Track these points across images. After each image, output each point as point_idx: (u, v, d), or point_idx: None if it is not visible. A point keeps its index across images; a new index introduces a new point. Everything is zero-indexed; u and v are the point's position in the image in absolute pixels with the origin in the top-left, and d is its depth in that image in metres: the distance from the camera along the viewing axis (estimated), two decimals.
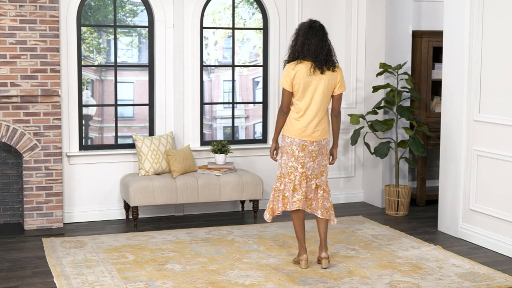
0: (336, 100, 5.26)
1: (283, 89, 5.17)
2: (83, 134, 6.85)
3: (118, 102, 6.97)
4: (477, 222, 6.09)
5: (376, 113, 7.20)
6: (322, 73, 5.11)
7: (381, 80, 7.39)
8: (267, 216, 5.31)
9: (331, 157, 5.39)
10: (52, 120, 6.45)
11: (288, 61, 5.20)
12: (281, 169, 5.27)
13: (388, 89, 7.26)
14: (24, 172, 6.42)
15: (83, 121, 6.84)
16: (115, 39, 6.89)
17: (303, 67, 5.10)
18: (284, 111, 5.21)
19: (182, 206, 7.11)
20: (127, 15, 6.99)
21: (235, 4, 7.26)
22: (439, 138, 7.12)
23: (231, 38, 7.28)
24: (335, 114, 5.31)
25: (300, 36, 5.15)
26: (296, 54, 5.15)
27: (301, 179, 5.19)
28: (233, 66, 7.32)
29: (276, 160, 5.38)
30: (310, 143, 5.17)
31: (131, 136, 6.99)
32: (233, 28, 7.27)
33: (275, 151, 5.38)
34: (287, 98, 5.17)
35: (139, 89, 7.08)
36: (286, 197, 5.23)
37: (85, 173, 6.79)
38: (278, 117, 5.25)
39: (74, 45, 6.65)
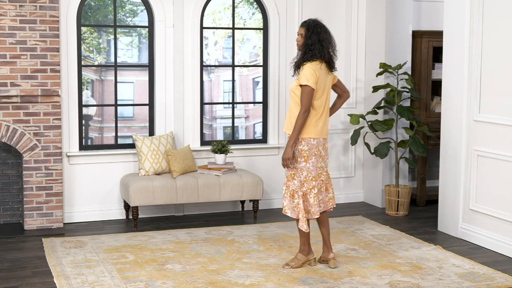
0: (342, 85, 5.35)
1: (309, 88, 5.04)
2: (83, 134, 6.85)
3: (118, 102, 6.96)
4: (477, 222, 6.09)
5: (376, 113, 7.20)
6: (330, 72, 5.21)
7: (381, 80, 7.39)
8: (304, 227, 5.18)
9: None
10: (52, 120, 6.45)
11: (310, 60, 5.10)
12: (307, 173, 5.14)
13: (388, 89, 7.26)
14: (24, 172, 6.42)
15: (83, 121, 6.84)
16: (115, 39, 6.89)
17: (323, 67, 5.14)
18: (309, 111, 5.07)
19: (182, 206, 7.11)
20: (127, 15, 6.99)
21: (235, 4, 7.25)
22: (439, 138, 7.12)
23: (231, 38, 7.28)
24: (348, 95, 5.39)
25: (321, 35, 5.12)
26: (321, 53, 5.11)
27: (327, 176, 5.29)
28: (233, 66, 7.31)
29: (290, 167, 5.15)
30: (325, 140, 5.25)
31: (131, 136, 6.99)
32: (233, 28, 7.27)
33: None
34: (311, 98, 5.06)
35: (139, 89, 7.08)
36: (321, 199, 5.28)
37: (85, 173, 6.79)
38: (301, 120, 5.02)
39: (74, 45, 6.65)
